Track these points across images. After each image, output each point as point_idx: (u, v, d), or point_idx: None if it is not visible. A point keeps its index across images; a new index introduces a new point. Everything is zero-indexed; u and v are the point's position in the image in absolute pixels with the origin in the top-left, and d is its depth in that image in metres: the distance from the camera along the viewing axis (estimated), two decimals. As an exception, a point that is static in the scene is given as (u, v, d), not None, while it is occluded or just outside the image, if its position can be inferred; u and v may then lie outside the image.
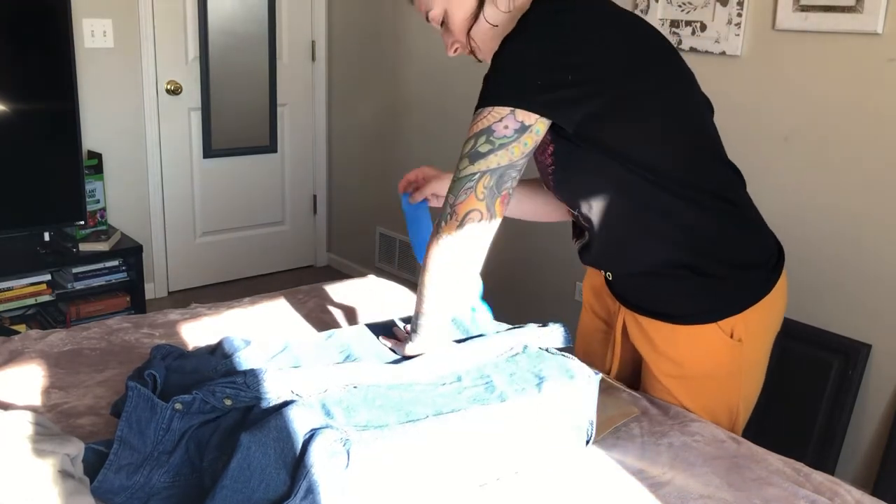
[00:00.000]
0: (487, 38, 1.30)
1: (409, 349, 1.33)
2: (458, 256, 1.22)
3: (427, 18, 1.32)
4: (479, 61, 1.37)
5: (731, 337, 1.33)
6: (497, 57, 1.20)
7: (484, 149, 1.16)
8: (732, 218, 1.33)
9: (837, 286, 2.19)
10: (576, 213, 1.36)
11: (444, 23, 1.31)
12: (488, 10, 1.26)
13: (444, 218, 1.21)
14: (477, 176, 1.17)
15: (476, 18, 1.27)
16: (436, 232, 1.22)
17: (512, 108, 1.14)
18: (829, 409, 2.19)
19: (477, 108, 1.18)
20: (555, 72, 1.15)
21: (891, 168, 2.04)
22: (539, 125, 1.16)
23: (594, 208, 1.30)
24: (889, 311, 2.10)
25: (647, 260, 1.33)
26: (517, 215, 1.58)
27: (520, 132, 1.15)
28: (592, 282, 1.57)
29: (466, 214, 1.18)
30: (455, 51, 1.35)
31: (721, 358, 1.35)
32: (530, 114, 1.15)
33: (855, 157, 2.11)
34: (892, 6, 1.98)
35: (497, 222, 1.21)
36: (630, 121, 1.21)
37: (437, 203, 1.55)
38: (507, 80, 1.17)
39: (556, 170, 1.29)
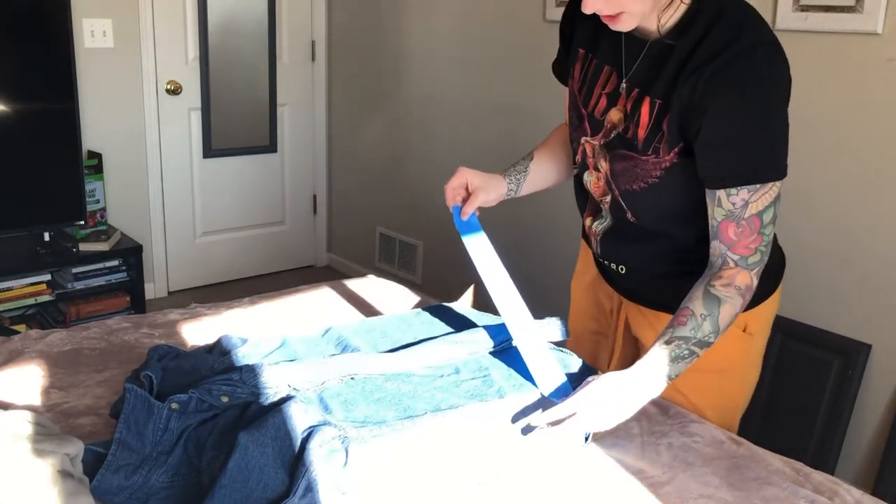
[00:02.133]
0: (644, 5, 1.15)
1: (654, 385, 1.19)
2: None
3: None
4: (612, 21, 1.19)
5: (745, 331, 1.35)
6: (759, 123, 1.17)
7: (777, 211, 1.23)
8: None
9: (837, 286, 2.19)
10: (623, 209, 1.32)
11: None
12: None
13: (757, 274, 1.23)
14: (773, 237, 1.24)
15: None
16: (754, 280, 1.22)
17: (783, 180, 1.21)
18: (829, 409, 2.19)
19: (764, 179, 1.18)
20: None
21: (891, 168, 2.04)
22: None
23: (656, 213, 1.29)
24: (889, 311, 2.10)
25: (684, 255, 1.33)
26: (535, 187, 1.50)
27: None
28: (584, 281, 1.56)
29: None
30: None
31: (733, 351, 1.36)
32: None
33: (855, 157, 2.11)
34: (892, 6, 1.98)
35: None
36: None
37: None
38: (783, 150, 1.20)
39: (659, 183, 1.24)
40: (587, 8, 1.15)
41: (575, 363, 1.31)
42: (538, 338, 1.32)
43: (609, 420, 1.14)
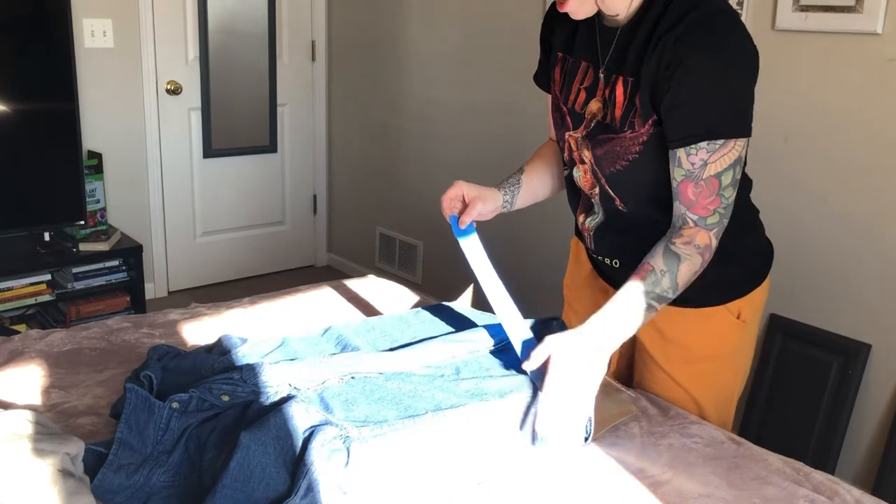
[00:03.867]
0: None
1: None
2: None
3: None
4: (562, 11, 1.27)
5: (738, 318, 1.38)
6: (720, 82, 1.18)
7: (738, 175, 1.22)
8: (746, 206, 1.39)
9: (837, 286, 2.19)
10: (612, 197, 1.34)
11: None
12: None
13: (717, 235, 1.24)
14: (734, 200, 1.24)
15: None
16: (713, 241, 1.24)
17: (747, 138, 1.20)
18: (829, 409, 2.19)
19: (722, 135, 1.18)
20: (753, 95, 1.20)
21: (891, 168, 2.04)
22: None
23: (642, 194, 1.31)
24: (889, 311, 2.10)
25: None
26: (528, 200, 1.53)
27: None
28: (577, 280, 1.57)
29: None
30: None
31: (728, 339, 1.40)
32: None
33: (855, 157, 2.11)
34: (892, 6, 1.98)
35: None
36: None
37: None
38: (743, 113, 1.19)
39: (639, 158, 1.27)
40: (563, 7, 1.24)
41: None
42: (520, 319, 1.34)
43: (581, 372, 1.17)
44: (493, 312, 1.38)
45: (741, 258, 1.36)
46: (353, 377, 1.20)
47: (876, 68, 2.03)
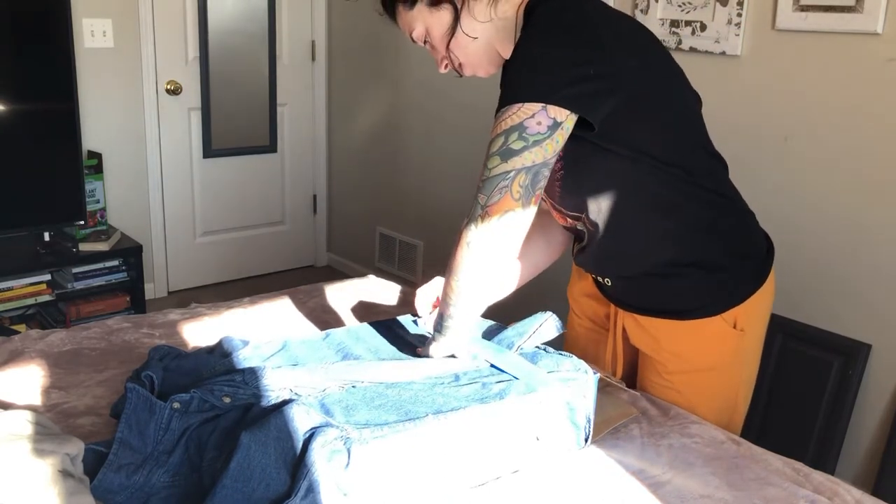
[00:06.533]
0: (470, 52, 1.28)
1: (435, 350, 1.30)
2: (493, 259, 1.19)
3: (412, 39, 1.30)
4: (460, 76, 1.36)
5: (735, 327, 1.34)
6: (519, 56, 1.17)
7: (517, 146, 1.12)
8: (728, 210, 1.35)
9: (837, 286, 2.19)
10: (579, 218, 1.34)
11: (427, 41, 1.30)
12: (465, 23, 1.24)
13: (474, 219, 1.17)
14: (512, 174, 1.13)
15: (454, 32, 1.25)
16: (465, 233, 1.18)
17: (544, 105, 1.11)
18: (829, 409, 2.19)
19: (503, 104, 1.15)
20: (580, 67, 1.12)
21: (891, 168, 2.04)
22: (569, 122, 1.13)
23: (602, 210, 1.29)
24: (889, 311, 2.10)
25: (653, 260, 1.33)
26: (525, 278, 1.53)
27: (552, 129, 1.12)
28: (580, 285, 1.57)
29: (502, 215, 1.15)
30: (445, 67, 1.33)
31: (725, 349, 1.37)
32: (562, 110, 1.12)
33: (855, 157, 2.11)
34: (892, 6, 1.98)
35: (530, 221, 1.18)
36: (643, 115, 1.21)
37: None
38: (535, 77, 1.13)
39: (566, 173, 1.26)
40: (440, 68, 1.34)
41: (574, 364, 1.31)
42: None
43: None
44: (494, 321, 1.38)
45: (730, 264, 1.33)
46: (353, 386, 1.20)
47: (876, 68, 2.03)
